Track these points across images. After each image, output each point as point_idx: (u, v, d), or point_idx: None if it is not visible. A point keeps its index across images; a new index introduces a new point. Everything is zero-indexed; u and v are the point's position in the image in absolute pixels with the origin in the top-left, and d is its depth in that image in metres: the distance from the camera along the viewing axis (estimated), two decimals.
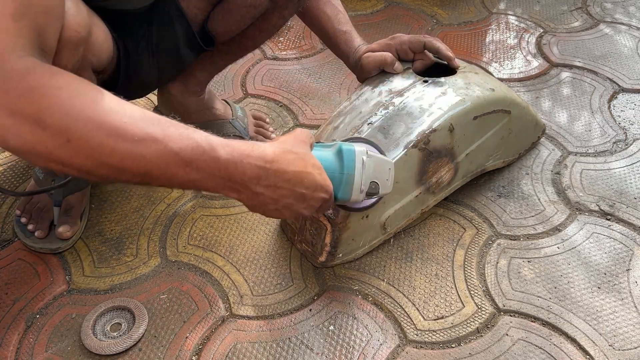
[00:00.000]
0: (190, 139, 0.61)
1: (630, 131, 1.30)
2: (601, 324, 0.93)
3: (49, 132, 0.55)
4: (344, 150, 0.80)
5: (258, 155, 0.66)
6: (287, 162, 0.69)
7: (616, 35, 1.62)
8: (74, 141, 0.56)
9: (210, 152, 0.62)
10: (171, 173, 0.61)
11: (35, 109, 0.54)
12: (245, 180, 0.65)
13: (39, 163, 0.59)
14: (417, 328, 0.93)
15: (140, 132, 0.58)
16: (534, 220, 1.11)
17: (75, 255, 1.05)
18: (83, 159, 0.57)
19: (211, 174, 0.63)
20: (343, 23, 1.10)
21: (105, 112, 0.57)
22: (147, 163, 0.59)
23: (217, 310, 0.96)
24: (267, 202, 0.69)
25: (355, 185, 0.79)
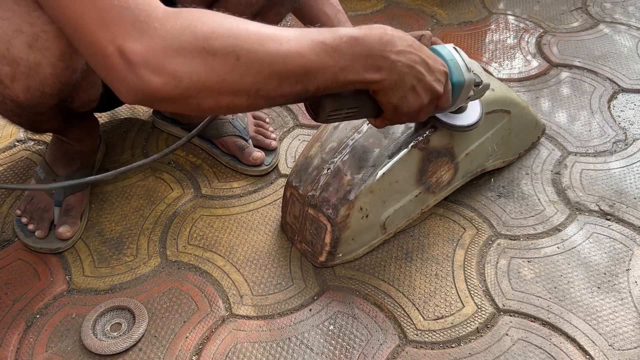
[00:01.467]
0: (327, 31, 0.66)
1: (630, 131, 1.30)
2: (601, 323, 0.93)
3: (219, 56, 0.57)
4: (436, 47, 0.84)
5: (379, 27, 0.71)
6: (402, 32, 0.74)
7: (616, 35, 1.62)
8: (243, 57, 0.59)
9: (347, 34, 0.67)
10: (325, 64, 0.65)
11: (201, 37, 0.57)
12: (382, 50, 0.69)
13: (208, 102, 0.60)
14: (417, 328, 0.93)
15: (289, 34, 0.63)
16: (534, 220, 1.11)
17: (75, 255, 1.05)
18: (253, 75, 0.60)
19: (355, 54, 0.67)
20: (342, 22, 1.10)
21: (257, 27, 0.61)
22: (305, 59, 0.63)
23: (217, 310, 0.96)
24: (404, 72, 0.72)
25: (462, 65, 0.83)
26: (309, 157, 1.03)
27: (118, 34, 0.55)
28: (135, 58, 0.55)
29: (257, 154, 1.19)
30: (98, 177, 0.83)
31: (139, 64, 0.55)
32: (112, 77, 0.57)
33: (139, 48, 0.55)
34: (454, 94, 0.85)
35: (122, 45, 0.55)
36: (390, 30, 0.72)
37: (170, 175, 1.20)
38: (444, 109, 0.86)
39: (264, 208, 1.14)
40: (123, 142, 1.28)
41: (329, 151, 1.01)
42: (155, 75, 0.56)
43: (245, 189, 1.18)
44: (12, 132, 1.30)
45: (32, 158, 1.24)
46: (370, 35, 0.69)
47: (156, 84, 0.56)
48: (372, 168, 0.97)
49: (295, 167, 1.03)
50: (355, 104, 0.78)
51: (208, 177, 1.21)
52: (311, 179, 0.99)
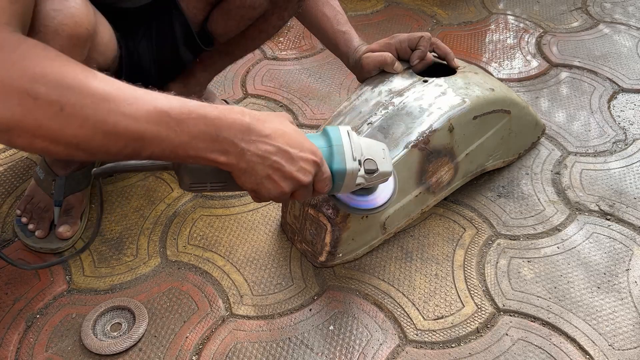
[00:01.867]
0: (178, 100, 0.62)
1: (629, 131, 1.31)
2: (601, 323, 0.93)
3: (41, 101, 0.54)
4: (327, 128, 0.79)
5: (238, 112, 0.67)
6: (265, 120, 0.70)
7: (616, 35, 1.62)
8: (67, 109, 0.55)
9: (197, 110, 0.63)
10: (163, 135, 0.61)
11: (28, 78, 0.53)
12: (231, 136, 0.66)
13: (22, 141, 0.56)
14: (417, 328, 0.93)
15: (131, 96, 0.59)
16: (534, 220, 1.11)
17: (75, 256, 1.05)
18: (76, 129, 0.56)
19: (200, 132, 0.63)
20: (342, 23, 1.10)
21: (97, 81, 0.57)
22: (140, 125, 0.59)
23: (217, 310, 0.96)
24: (255, 162, 0.69)
25: (347, 152, 0.77)
26: None
27: None
28: None
29: None
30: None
31: None
32: None
33: None
34: (336, 181, 0.79)
35: None
36: (249, 118, 0.67)
37: (170, 175, 1.20)
38: (329, 192, 0.81)
39: (264, 208, 1.14)
40: None
41: None
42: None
43: None
44: None
45: (32, 158, 1.24)
46: (223, 118, 0.65)
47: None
48: None
49: None
50: (218, 179, 0.73)
51: None
52: None
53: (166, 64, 1.03)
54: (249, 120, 0.67)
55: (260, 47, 1.59)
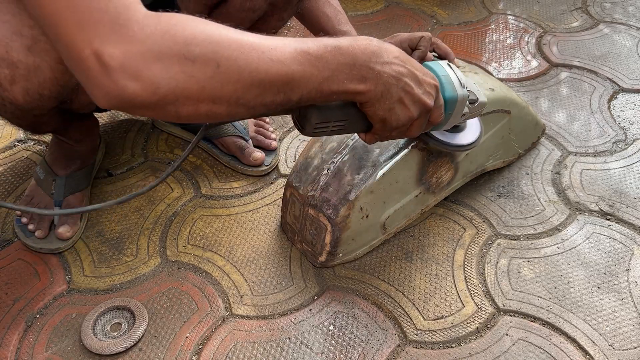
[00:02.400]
0: (310, 40, 0.66)
1: (630, 131, 1.31)
2: (601, 323, 0.93)
3: (198, 62, 0.56)
4: (429, 64, 0.83)
5: (364, 39, 0.70)
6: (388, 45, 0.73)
7: (616, 35, 1.62)
8: (223, 65, 0.57)
9: (332, 44, 0.66)
10: (308, 73, 0.64)
11: (181, 43, 0.55)
12: (367, 61, 0.68)
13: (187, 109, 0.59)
14: (417, 328, 0.93)
15: (272, 42, 0.62)
16: (534, 220, 1.11)
17: (75, 255, 1.05)
18: (234, 83, 0.59)
19: (339, 63, 0.66)
20: (343, 23, 1.10)
21: (239, 34, 0.60)
22: (287, 67, 0.62)
23: (217, 310, 0.96)
24: (391, 83, 0.71)
25: (454, 81, 0.82)
26: (309, 157, 1.03)
27: (95, 36, 0.53)
28: (112, 62, 0.53)
29: (257, 154, 1.19)
30: (96, 207, 0.80)
31: (115, 69, 0.53)
32: (87, 81, 0.55)
33: (116, 52, 0.53)
34: (447, 110, 0.83)
35: (98, 48, 0.53)
36: (377, 42, 0.71)
37: (170, 175, 1.20)
38: (438, 125, 0.84)
39: (264, 208, 1.14)
40: (123, 142, 1.28)
41: (329, 151, 1.01)
42: (132, 80, 0.54)
43: (245, 189, 1.18)
44: (12, 132, 1.30)
45: (32, 158, 1.24)
46: (355, 45, 0.68)
47: (133, 90, 0.54)
48: (372, 168, 0.97)
49: (295, 167, 1.03)
50: (343, 117, 0.76)
51: (208, 177, 1.21)
52: (311, 179, 0.99)
53: None
54: (377, 44, 0.70)
55: None
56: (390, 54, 0.71)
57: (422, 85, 0.74)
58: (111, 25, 0.53)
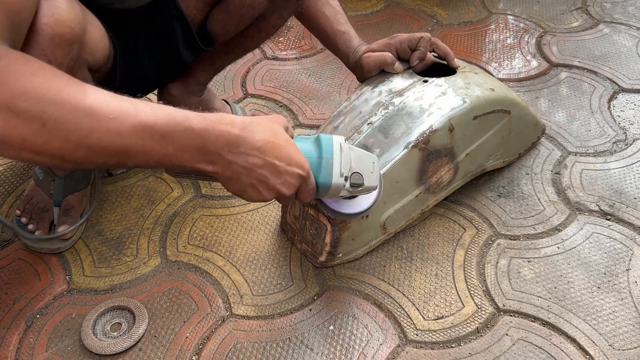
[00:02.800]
0: (164, 112, 0.62)
1: (630, 131, 1.30)
2: (601, 323, 0.93)
3: (22, 117, 0.54)
4: (321, 137, 0.80)
5: (228, 122, 0.66)
6: (256, 130, 0.69)
7: (616, 35, 1.62)
8: (49, 125, 0.55)
9: (184, 122, 0.62)
10: (148, 148, 0.61)
11: (8, 94, 0.54)
12: (218, 148, 0.66)
13: (8, 153, 0.57)
14: (417, 328, 0.93)
15: (115, 109, 0.59)
16: (534, 220, 1.11)
17: (75, 255, 1.05)
18: (59, 143, 0.57)
19: (186, 145, 0.63)
20: (342, 23, 1.10)
21: (79, 95, 0.57)
22: (124, 140, 0.59)
23: (217, 310, 0.96)
24: (241, 172, 0.69)
25: (335, 168, 0.78)
26: None
27: None
28: None
29: None
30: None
31: None
32: None
33: None
34: (320, 192, 0.80)
35: None
36: (239, 129, 0.67)
37: (171, 175, 1.20)
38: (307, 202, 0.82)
39: (264, 208, 1.14)
40: None
41: None
42: None
43: None
44: None
45: None
46: (211, 130, 0.64)
47: None
48: None
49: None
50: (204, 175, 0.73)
51: None
52: None
53: (166, 65, 1.03)
54: (238, 132, 0.67)
55: (260, 47, 1.59)
56: (249, 145, 0.68)
57: (281, 176, 0.71)
58: None
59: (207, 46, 1.03)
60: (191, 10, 0.96)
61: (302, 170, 0.73)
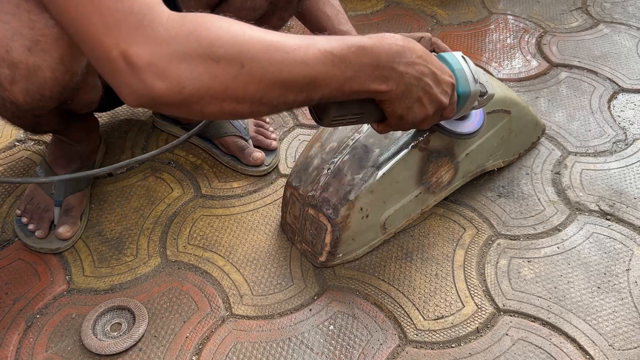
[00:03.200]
0: (336, 40, 0.66)
1: (630, 131, 1.30)
2: (601, 323, 0.93)
3: (223, 63, 0.57)
4: (444, 55, 0.84)
5: (390, 37, 0.71)
6: (412, 43, 0.73)
7: (616, 35, 1.62)
8: (247, 65, 0.59)
9: (356, 43, 0.67)
10: (331, 74, 0.65)
11: (205, 44, 0.56)
12: (390, 61, 0.69)
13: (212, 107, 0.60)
14: (417, 328, 0.93)
15: (295, 42, 0.62)
16: (534, 220, 1.11)
17: (75, 255, 1.05)
18: (257, 83, 0.60)
19: (362, 64, 0.67)
20: (343, 23, 1.10)
21: (262, 33, 0.61)
22: (310, 69, 0.63)
23: (217, 310, 0.96)
24: (412, 84, 0.73)
25: (469, 75, 0.83)
26: (309, 157, 1.03)
27: (122, 38, 0.55)
28: (139, 62, 0.55)
29: (257, 154, 1.19)
30: (93, 172, 0.83)
31: (142, 69, 0.55)
32: (116, 81, 0.57)
33: (143, 53, 0.55)
34: (459, 104, 0.85)
35: (126, 49, 0.55)
36: (401, 41, 0.71)
37: (171, 175, 1.20)
38: (448, 118, 0.86)
39: (264, 208, 1.14)
40: (123, 142, 1.28)
41: (329, 151, 1.01)
42: (158, 80, 0.56)
43: (245, 189, 1.18)
44: (12, 133, 1.30)
45: (32, 158, 1.24)
46: (380, 45, 0.69)
47: (159, 89, 0.56)
48: (372, 168, 0.97)
49: (296, 167, 1.03)
50: (360, 111, 0.78)
51: (208, 177, 1.21)
52: (311, 179, 0.99)
53: None
54: (402, 43, 0.71)
55: None
56: (413, 53, 0.72)
57: (440, 85, 0.76)
58: (137, 26, 0.55)
59: None
60: (191, 11, 0.96)
61: (452, 79, 0.79)
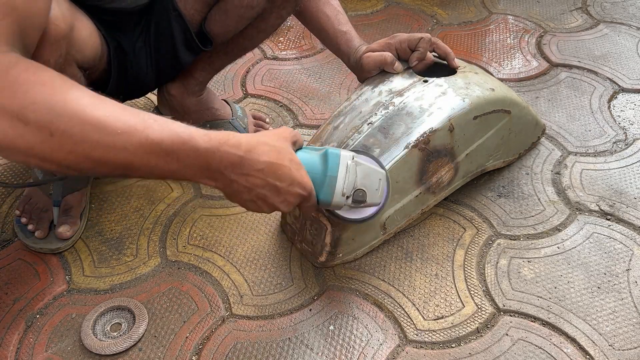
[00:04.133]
0: (170, 130, 0.62)
1: (630, 131, 1.30)
2: (601, 324, 0.93)
3: (31, 127, 0.55)
4: (329, 153, 0.80)
5: (233, 144, 0.68)
6: (261, 152, 0.70)
7: (616, 36, 1.62)
8: (57, 136, 0.56)
9: (190, 142, 0.63)
10: (152, 164, 0.62)
11: (18, 104, 0.55)
12: (221, 168, 0.67)
13: (18, 158, 0.59)
14: (417, 328, 0.93)
15: (122, 125, 0.59)
16: (534, 220, 1.11)
17: (75, 255, 1.05)
18: (65, 154, 0.58)
19: (190, 163, 0.65)
20: (343, 23, 1.10)
21: (88, 107, 0.58)
22: (129, 155, 0.60)
23: (217, 310, 0.96)
24: (242, 190, 0.71)
25: (337, 188, 0.79)
26: None
27: None
28: None
29: None
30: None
31: None
32: None
33: None
34: (320, 205, 0.81)
35: None
36: (243, 151, 0.68)
37: None
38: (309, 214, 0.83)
39: None
40: None
41: None
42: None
43: None
44: None
45: None
46: (215, 151, 0.66)
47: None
48: None
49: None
50: None
51: None
52: None
53: (164, 65, 1.03)
54: (243, 154, 0.68)
55: (260, 47, 1.59)
56: (252, 167, 0.69)
57: (281, 195, 0.73)
58: None
59: (206, 46, 1.03)
60: (189, 10, 0.96)
61: (303, 191, 0.75)
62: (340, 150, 0.81)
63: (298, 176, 0.74)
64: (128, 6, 0.92)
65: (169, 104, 1.19)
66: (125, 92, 1.03)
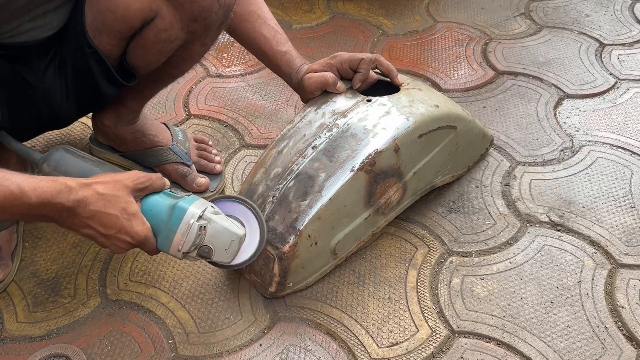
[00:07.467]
0: (2, 186, 0.69)
1: (576, 138, 1.31)
2: (555, 340, 0.93)
3: None
4: (176, 207, 0.81)
5: (64, 196, 0.74)
6: (91, 202, 0.76)
7: (559, 41, 1.64)
8: None
9: (21, 197, 0.70)
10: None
11: None
12: (55, 217, 0.75)
13: None
14: (371, 357, 0.90)
15: None
16: (485, 235, 1.10)
17: (8, 300, 0.98)
18: None
19: (24, 213, 0.73)
20: (282, 43, 1.06)
21: None
22: None
23: (161, 352, 0.91)
24: (75, 230, 0.79)
25: (174, 242, 0.81)
26: (253, 183, 0.99)
27: None
28: None
29: (201, 180, 1.14)
30: None
31: None
32: None
33: None
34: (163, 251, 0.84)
35: None
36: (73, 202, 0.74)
37: None
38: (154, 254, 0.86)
39: None
40: None
41: (274, 177, 0.97)
42: None
43: None
44: None
45: None
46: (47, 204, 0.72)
47: None
48: (318, 194, 0.93)
49: (240, 195, 0.99)
50: None
51: None
52: None
53: (87, 98, 0.98)
54: (71, 206, 0.74)
55: (203, 64, 1.54)
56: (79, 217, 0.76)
57: (109, 239, 0.79)
58: None
59: (129, 79, 0.97)
60: (106, 46, 0.90)
61: (132, 240, 0.79)
62: (192, 205, 0.81)
63: (127, 226, 0.78)
64: (27, 40, 0.87)
65: (104, 134, 1.13)
66: (41, 123, 1.00)
